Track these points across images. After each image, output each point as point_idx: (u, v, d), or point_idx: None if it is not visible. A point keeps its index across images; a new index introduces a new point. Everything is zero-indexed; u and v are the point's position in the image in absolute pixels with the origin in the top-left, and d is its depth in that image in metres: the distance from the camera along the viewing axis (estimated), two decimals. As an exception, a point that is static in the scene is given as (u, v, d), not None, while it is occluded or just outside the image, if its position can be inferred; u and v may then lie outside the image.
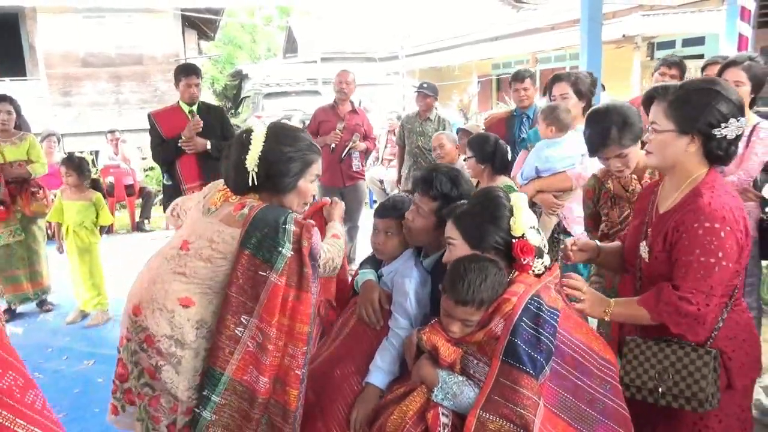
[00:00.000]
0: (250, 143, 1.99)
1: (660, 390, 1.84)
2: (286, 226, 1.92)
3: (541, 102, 5.00)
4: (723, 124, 1.75)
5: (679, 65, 4.12)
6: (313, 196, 2.18)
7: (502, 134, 4.24)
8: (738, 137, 1.80)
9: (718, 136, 1.76)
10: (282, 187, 2.02)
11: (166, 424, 1.97)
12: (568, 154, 3.14)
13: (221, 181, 2.15)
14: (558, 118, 3.14)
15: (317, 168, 2.11)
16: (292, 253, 1.91)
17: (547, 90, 3.51)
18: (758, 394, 2.63)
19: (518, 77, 4.44)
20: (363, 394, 1.98)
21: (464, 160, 3.73)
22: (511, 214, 1.82)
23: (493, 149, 3.42)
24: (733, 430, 1.89)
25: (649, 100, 1.92)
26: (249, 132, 2.04)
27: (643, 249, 1.93)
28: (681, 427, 1.91)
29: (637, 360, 1.89)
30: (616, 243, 2.22)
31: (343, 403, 2.00)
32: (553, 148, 3.16)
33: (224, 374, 1.91)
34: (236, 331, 1.91)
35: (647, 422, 1.93)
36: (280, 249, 1.89)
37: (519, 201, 1.85)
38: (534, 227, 1.83)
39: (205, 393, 1.92)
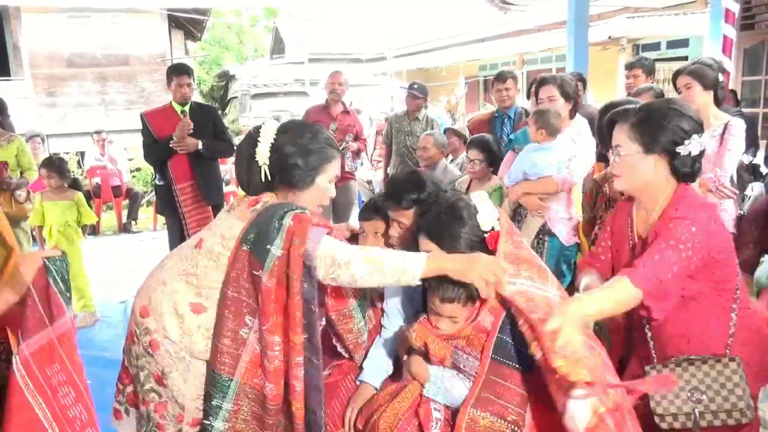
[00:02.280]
0: (260, 136, 1.87)
1: (697, 411, 1.77)
2: (283, 221, 1.72)
3: (523, 103, 5.07)
4: (686, 141, 1.78)
5: (638, 65, 4.42)
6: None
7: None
8: (701, 153, 1.84)
9: (682, 154, 1.80)
10: (297, 182, 1.85)
11: None
12: (555, 160, 3.18)
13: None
14: (548, 122, 3.16)
15: (336, 167, 1.93)
16: (281, 252, 1.70)
17: (533, 93, 3.55)
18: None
19: (500, 78, 4.51)
20: (357, 392, 1.99)
21: (469, 160, 3.78)
22: (477, 212, 1.88)
23: (498, 151, 3.57)
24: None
25: (610, 124, 1.94)
26: (259, 126, 1.92)
27: None
28: None
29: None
30: (593, 275, 2.10)
31: (338, 401, 2.02)
32: (541, 153, 3.19)
33: (233, 379, 1.78)
34: (241, 332, 1.77)
35: None
36: (269, 246, 1.71)
37: (479, 198, 1.92)
38: (500, 219, 1.89)
39: (214, 402, 1.77)
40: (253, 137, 1.89)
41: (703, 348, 1.82)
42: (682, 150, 1.80)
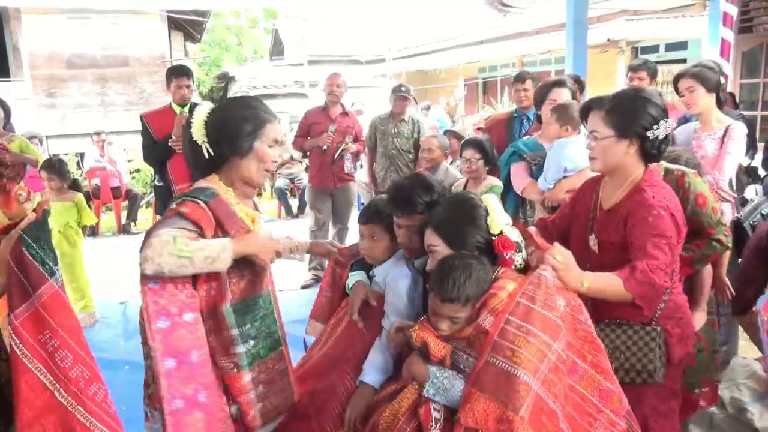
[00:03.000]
0: (192, 118, 1.93)
1: (613, 366, 1.97)
2: (171, 205, 1.81)
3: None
4: (654, 126, 1.99)
5: (644, 67, 4.39)
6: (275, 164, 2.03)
7: (502, 135, 4.32)
8: (667, 137, 2.05)
9: (651, 137, 2.00)
10: (236, 150, 1.90)
11: None
12: (587, 151, 3.13)
13: None
14: (572, 117, 3.08)
15: (274, 131, 1.97)
16: None
17: (539, 94, 3.47)
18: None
19: (520, 78, 4.50)
20: (357, 392, 2.00)
21: (465, 160, 3.80)
22: (487, 214, 1.90)
23: (493, 151, 3.62)
24: (667, 398, 2.11)
25: (586, 110, 2.14)
26: (193, 111, 1.97)
27: (592, 242, 2.12)
28: None
29: None
30: (531, 228, 2.35)
31: (337, 402, 2.02)
32: (575, 145, 3.10)
33: None
34: None
35: None
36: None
37: (491, 201, 1.94)
38: (509, 224, 1.92)
39: None
40: (188, 120, 1.94)
41: (633, 315, 2.04)
42: (651, 134, 2.00)
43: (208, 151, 1.90)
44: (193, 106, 4.63)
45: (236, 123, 1.90)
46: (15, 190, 4.69)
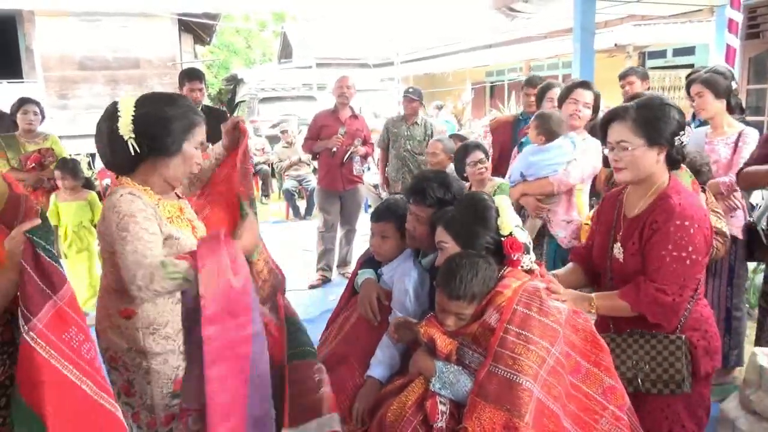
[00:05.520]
0: (119, 112, 1.80)
1: (639, 378, 1.99)
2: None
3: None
4: (681, 132, 1.99)
5: (631, 72, 4.62)
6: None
7: (507, 137, 4.38)
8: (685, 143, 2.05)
9: (677, 144, 2.00)
10: (165, 149, 1.83)
11: None
12: (553, 162, 3.21)
13: None
14: (548, 129, 3.17)
15: (201, 133, 1.93)
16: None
17: (564, 94, 3.45)
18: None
19: (531, 83, 4.57)
20: (364, 387, 2.05)
21: (474, 163, 3.85)
22: (498, 215, 1.95)
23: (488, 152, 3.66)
24: (697, 415, 2.06)
25: (606, 123, 2.08)
26: (114, 103, 1.85)
27: (618, 250, 2.08)
28: (650, 417, 2.02)
29: (614, 353, 2.02)
30: (570, 265, 2.39)
31: (346, 395, 2.07)
32: (538, 155, 3.23)
33: None
34: None
35: None
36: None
37: (503, 202, 1.99)
38: (519, 226, 1.97)
39: None
40: (112, 113, 1.83)
41: (657, 327, 2.02)
42: (677, 140, 1.99)
43: (133, 147, 1.79)
44: (204, 109, 4.72)
45: (167, 120, 1.82)
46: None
